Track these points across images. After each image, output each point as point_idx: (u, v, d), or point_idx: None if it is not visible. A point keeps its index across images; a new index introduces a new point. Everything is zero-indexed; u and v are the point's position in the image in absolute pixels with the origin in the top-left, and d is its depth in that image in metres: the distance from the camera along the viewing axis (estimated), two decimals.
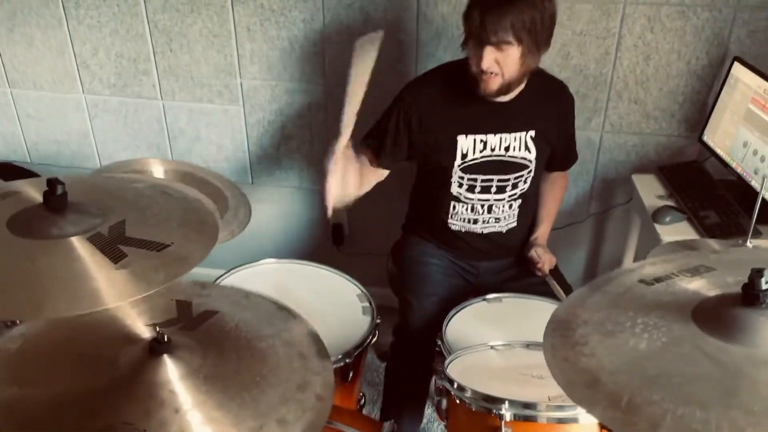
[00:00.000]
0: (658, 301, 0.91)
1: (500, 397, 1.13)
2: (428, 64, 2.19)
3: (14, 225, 1.07)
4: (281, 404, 1.06)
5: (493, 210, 1.81)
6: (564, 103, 1.85)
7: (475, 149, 1.74)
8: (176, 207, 1.18)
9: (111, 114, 2.49)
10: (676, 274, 0.97)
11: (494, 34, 1.54)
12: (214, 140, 2.48)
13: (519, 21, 1.53)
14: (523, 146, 1.75)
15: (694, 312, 0.86)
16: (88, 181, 1.30)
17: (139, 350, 1.11)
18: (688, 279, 0.95)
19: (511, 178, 1.77)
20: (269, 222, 2.61)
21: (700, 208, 1.87)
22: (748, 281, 0.81)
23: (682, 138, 2.17)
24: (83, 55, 2.39)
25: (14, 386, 1.08)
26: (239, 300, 1.30)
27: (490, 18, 1.53)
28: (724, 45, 2.01)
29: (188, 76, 2.36)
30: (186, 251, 1.04)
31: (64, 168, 2.65)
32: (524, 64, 1.61)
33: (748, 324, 0.80)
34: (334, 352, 1.54)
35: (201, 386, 1.06)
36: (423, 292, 1.78)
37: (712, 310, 0.85)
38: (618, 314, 0.91)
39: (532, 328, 1.59)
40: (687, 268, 0.98)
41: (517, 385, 1.19)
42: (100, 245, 1.03)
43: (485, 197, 1.79)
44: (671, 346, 0.82)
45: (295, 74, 2.29)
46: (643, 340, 0.85)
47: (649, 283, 0.96)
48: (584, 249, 2.45)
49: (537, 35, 1.57)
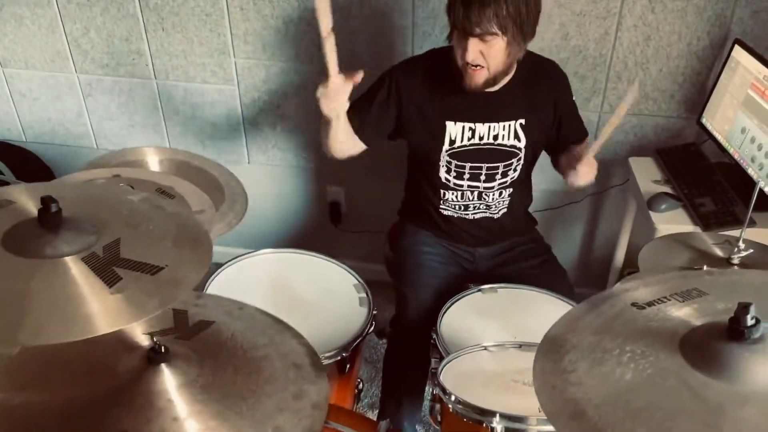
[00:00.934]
0: (647, 327, 0.92)
1: (491, 410, 1.16)
2: (425, 44, 2.16)
3: (9, 241, 1.06)
4: (277, 413, 1.08)
5: (483, 197, 1.81)
6: (557, 81, 1.81)
7: (464, 136, 1.73)
8: (170, 223, 1.18)
9: (105, 93, 2.47)
10: (668, 298, 0.98)
11: (478, 26, 1.51)
12: (209, 120, 2.46)
13: (503, 11, 1.50)
14: (512, 135, 1.74)
15: (682, 342, 0.87)
16: (82, 193, 1.29)
17: (137, 359, 1.13)
18: (679, 304, 0.95)
19: (501, 166, 1.77)
20: (267, 201, 2.62)
21: (696, 195, 1.87)
22: (734, 316, 0.82)
23: (681, 119, 2.15)
24: (74, 34, 2.35)
25: (12, 392, 1.09)
26: (233, 311, 1.30)
27: (473, 9, 1.50)
28: (726, 26, 1.98)
29: (182, 55, 2.33)
30: (180, 274, 1.04)
31: (60, 146, 2.63)
32: (510, 55, 1.59)
33: (732, 360, 0.81)
34: (331, 346, 1.57)
35: (198, 395, 1.08)
36: (419, 283, 1.80)
37: (698, 342, 0.86)
38: (608, 340, 0.92)
39: (525, 321, 1.63)
40: (680, 291, 0.98)
41: (510, 393, 1.22)
42: (95, 266, 1.03)
43: (475, 184, 1.79)
44: (656, 378, 0.84)
45: (290, 54, 2.26)
46: (629, 370, 0.86)
47: (641, 306, 0.97)
48: (581, 228, 2.46)
49: (522, 25, 1.54)
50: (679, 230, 1.81)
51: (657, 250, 1.52)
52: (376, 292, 2.20)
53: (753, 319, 0.82)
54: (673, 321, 0.92)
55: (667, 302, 0.97)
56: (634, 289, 1.03)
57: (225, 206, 1.80)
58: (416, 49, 2.18)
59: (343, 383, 1.65)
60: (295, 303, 1.71)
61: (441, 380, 1.28)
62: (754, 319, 0.82)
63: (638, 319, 0.95)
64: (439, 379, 1.29)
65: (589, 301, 1.03)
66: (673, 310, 0.95)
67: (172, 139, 2.53)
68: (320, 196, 2.59)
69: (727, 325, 0.83)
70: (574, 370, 0.90)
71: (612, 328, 0.95)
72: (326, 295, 1.75)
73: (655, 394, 0.82)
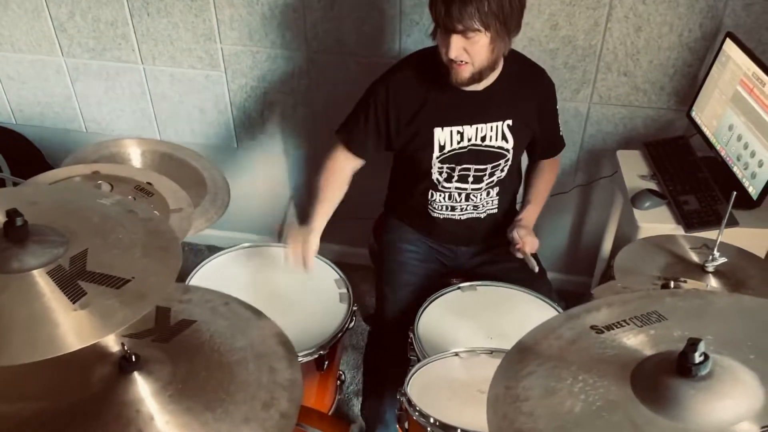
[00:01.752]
0: (602, 355, 0.93)
1: (453, 426, 1.18)
2: (412, 32, 2.13)
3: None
4: (243, 424, 1.10)
5: (471, 198, 1.80)
6: (542, 86, 1.79)
7: (452, 141, 1.71)
8: (140, 230, 1.18)
9: (92, 78, 2.45)
10: (627, 322, 0.97)
11: (459, 22, 1.49)
12: (197, 105, 2.45)
13: (484, 7, 1.47)
14: (500, 136, 1.72)
15: (633, 374, 0.88)
16: (54, 198, 1.29)
17: (108, 367, 1.14)
18: (636, 330, 0.95)
19: (488, 168, 1.76)
20: (255, 185, 2.62)
21: (680, 192, 1.86)
22: (683, 352, 0.83)
23: (671, 111, 2.12)
24: (59, 18, 2.32)
25: None
26: (218, 307, 1.30)
27: (454, 6, 1.47)
28: (718, 17, 1.93)
29: (167, 41, 2.30)
30: (145, 287, 1.05)
31: (49, 129, 2.63)
32: (494, 51, 1.57)
33: (679, 396, 0.81)
34: (310, 343, 1.59)
35: (167, 405, 1.09)
36: (398, 282, 1.81)
37: (648, 374, 0.86)
38: (563, 368, 0.93)
39: (502, 320, 1.64)
40: (639, 314, 0.98)
41: (474, 405, 1.23)
42: (59, 280, 1.03)
43: (462, 186, 1.78)
44: (604, 412, 0.84)
45: (276, 40, 2.23)
46: (579, 402, 0.87)
47: (600, 330, 0.98)
48: (569, 218, 2.45)
49: (505, 20, 1.51)
50: (661, 228, 1.81)
51: (633, 255, 1.51)
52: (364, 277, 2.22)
53: (701, 356, 0.82)
54: (627, 350, 0.92)
55: (625, 327, 0.97)
56: (596, 309, 1.03)
57: (206, 200, 1.80)
58: (404, 36, 2.15)
59: (323, 380, 1.68)
60: (276, 298, 1.73)
61: (408, 392, 1.30)
62: (703, 355, 0.82)
63: (594, 346, 0.95)
64: (406, 390, 1.31)
65: (548, 323, 1.03)
66: (630, 336, 0.95)
67: (160, 124, 2.52)
68: (308, 181, 2.58)
69: (676, 360, 0.83)
70: (527, 398, 0.90)
71: (569, 354, 0.95)
72: (307, 291, 1.76)
73: (601, 429, 0.83)
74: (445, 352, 1.43)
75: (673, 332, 0.94)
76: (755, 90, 1.74)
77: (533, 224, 1.87)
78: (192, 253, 2.76)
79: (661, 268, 1.47)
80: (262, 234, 2.75)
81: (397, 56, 2.17)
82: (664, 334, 0.94)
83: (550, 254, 2.50)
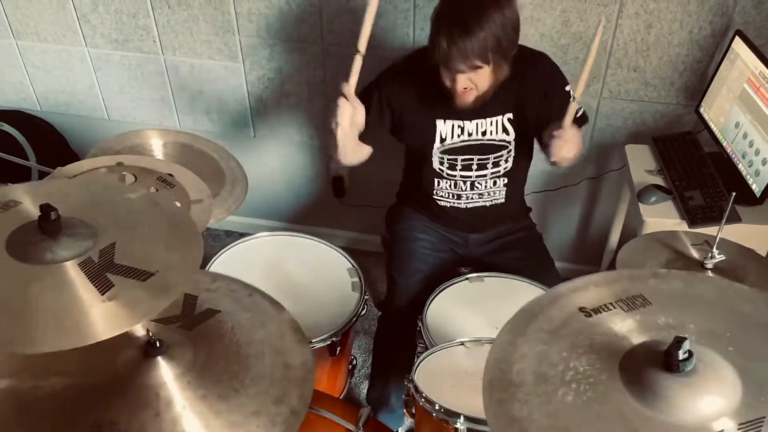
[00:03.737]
0: (591, 341, 0.98)
1: (457, 412, 1.25)
2: (425, 26, 2.16)
3: (11, 246, 1.13)
4: (253, 416, 1.13)
5: (476, 186, 1.86)
6: (545, 72, 1.80)
7: (453, 134, 1.78)
8: (164, 224, 1.25)
9: (115, 67, 2.52)
10: (614, 305, 1.03)
11: (463, 63, 1.57)
12: (216, 95, 2.51)
13: (484, 46, 1.54)
14: (500, 129, 1.78)
15: (621, 364, 0.94)
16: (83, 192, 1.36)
17: (134, 351, 1.22)
18: (623, 314, 1.00)
19: (491, 158, 1.82)
20: (272, 173, 2.69)
21: (686, 188, 1.90)
22: (668, 349, 0.88)
23: (680, 107, 2.15)
24: (83, 9, 2.39)
25: (14, 378, 1.16)
26: (242, 298, 1.35)
27: (455, 49, 1.54)
28: (728, 15, 1.96)
29: (188, 32, 2.36)
30: (169, 280, 1.11)
31: (73, 116, 2.71)
32: (496, 77, 1.65)
33: (665, 390, 0.87)
34: (323, 330, 1.66)
35: (185, 391, 1.15)
36: (409, 269, 1.87)
37: (636, 366, 0.92)
38: (554, 352, 0.98)
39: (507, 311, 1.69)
40: (625, 297, 1.03)
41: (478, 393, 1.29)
42: (89, 272, 1.10)
43: (467, 174, 1.84)
44: (594, 404, 0.90)
45: (293, 33, 2.28)
46: (571, 392, 0.93)
47: (588, 314, 1.03)
48: (578, 209, 2.49)
49: (504, 50, 1.59)
50: (666, 223, 1.85)
51: (635, 250, 1.56)
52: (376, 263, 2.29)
53: (686, 353, 0.88)
54: (615, 337, 0.98)
55: (612, 310, 1.02)
56: (583, 288, 1.08)
57: (225, 191, 1.87)
58: (417, 30, 2.19)
59: (335, 364, 1.75)
60: (290, 286, 1.80)
61: (415, 379, 1.37)
62: (687, 353, 0.88)
63: (584, 330, 1.00)
64: (414, 377, 1.38)
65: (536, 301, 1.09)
66: (617, 321, 1.00)
67: (180, 113, 2.59)
68: (324, 171, 2.65)
69: (663, 355, 0.89)
70: (522, 383, 0.97)
71: (559, 337, 1.00)
72: (320, 279, 1.83)
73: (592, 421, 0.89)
74: (451, 341, 1.49)
75: (658, 319, 0.99)
76: (762, 89, 1.77)
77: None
78: (210, 238, 2.85)
79: (662, 264, 1.52)
80: (277, 220, 2.83)
81: (411, 49, 2.22)
82: (650, 321, 0.99)
83: (559, 244, 2.55)
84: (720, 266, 1.47)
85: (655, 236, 1.61)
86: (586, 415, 0.90)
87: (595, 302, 1.05)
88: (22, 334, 1.00)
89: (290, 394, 1.19)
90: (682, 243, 1.57)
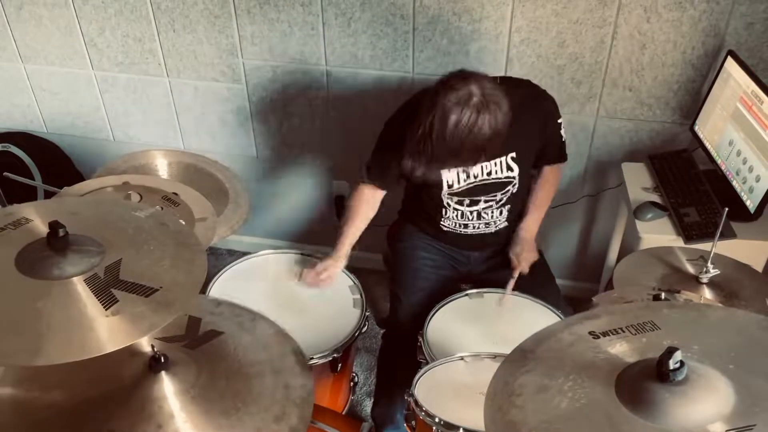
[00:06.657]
0: (594, 359, 1.01)
1: (456, 425, 1.27)
2: (425, 48, 2.22)
3: (21, 262, 1.16)
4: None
5: (483, 216, 1.88)
6: (543, 107, 1.83)
7: (459, 179, 1.80)
8: (170, 242, 1.28)
9: (120, 89, 2.58)
10: (623, 330, 1.06)
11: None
12: (219, 116, 2.56)
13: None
14: (505, 168, 1.80)
15: (618, 377, 0.96)
16: (92, 210, 1.39)
17: (139, 365, 1.24)
18: (630, 337, 1.03)
19: (498, 194, 1.84)
20: (275, 193, 2.72)
21: (682, 205, 1.93)
22: (660, 359, 0.91)
23: (676, 125, 2.19)
24: (90, 34, 2.45)
25: (20, 388, 1.19)
26: (245, 322, 1.37)
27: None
28: (720, 36, 2.00)
29: (192, 55, 2.42)
30: (172, 297, 1.14)
31: (79, 138, 2.76)
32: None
33: (655, 398, 0.90)
34: (324, 346, 1.68)
35: (187, 406, 1.17)
36: (412, 288, 1.90)
37: (631, 378, 0.95)
38: (558, 368, 1.01)
39: (506, 327, 1.72)
40: (635, 323, 1.06)
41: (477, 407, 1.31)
42: (95, 288, 1.13)
43: (474, 208, 1.87)
44: (587, 410, 0.93)
45: (295, 56, 2.34)
46: (566, 399, 0.95)
47: (596, 336, 1.06)
48: (577, 226, 2.52)
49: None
50: (662, 239, 1.88)
51: (632, 266, 1.59)
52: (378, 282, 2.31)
53: (677, 363, 0.90)
54: (616, 355, 1.00)
55: (620, 334, 1.05)
56: (596, 317, 1.11)
57: (228, 209, 1.91)
58: (417, 52, 2.24)
59: (336, 381, 1.77)
60: (292, 303, 1.83)
61: (415, 393, 1.39)
62: (679, 362, 0.90)
63: (589, 350, 1.03)
64: (414, 391, 1.40)
65: (550, 328, 1.11)
66: (623, 343, 1.02)
67: (184, 134, 2.64)
68: (326, 190, 2.68)
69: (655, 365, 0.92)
70: (521, 393, 0.99)
71: (566, 356, 1.03)
72: (322, 296, 1.85)
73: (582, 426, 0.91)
74: (451, 356, 1.51)
75: (663, 341, 1.02)
76: (754, 107, 1.80)
77: (535, 233, 1.95)
78: (213, 256, 2.88)
79: (658, 278, 1.54)
80: (280, 239, 2.86)
81: (410, 71, 2.27)
82: (654, 343, 1.01)
83: (559, 261, 2.58)
84: (715, 280, 1.50)
85: (652, 252, 1.64)
86: (577, 419, 0.92)
87: (605, 326, 1.07)
88: (29, 347, 1.02)
89: (290, 413, 1.20)
90: (678, 258, 1.60)
